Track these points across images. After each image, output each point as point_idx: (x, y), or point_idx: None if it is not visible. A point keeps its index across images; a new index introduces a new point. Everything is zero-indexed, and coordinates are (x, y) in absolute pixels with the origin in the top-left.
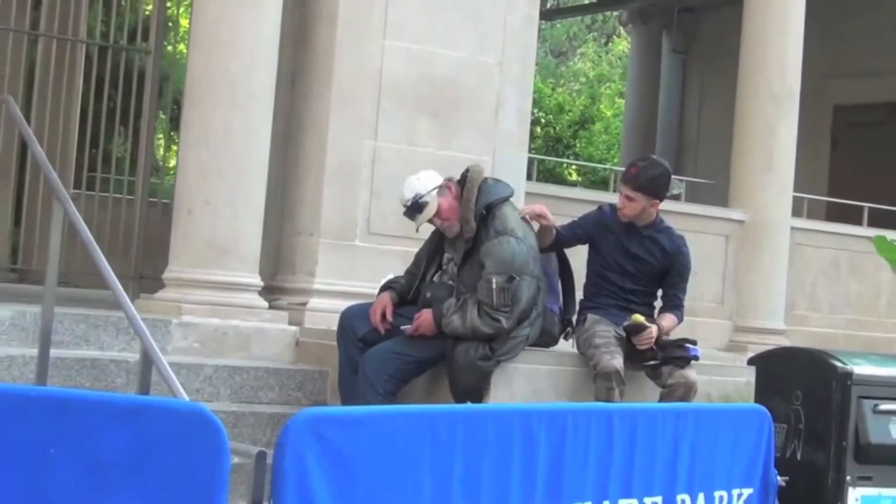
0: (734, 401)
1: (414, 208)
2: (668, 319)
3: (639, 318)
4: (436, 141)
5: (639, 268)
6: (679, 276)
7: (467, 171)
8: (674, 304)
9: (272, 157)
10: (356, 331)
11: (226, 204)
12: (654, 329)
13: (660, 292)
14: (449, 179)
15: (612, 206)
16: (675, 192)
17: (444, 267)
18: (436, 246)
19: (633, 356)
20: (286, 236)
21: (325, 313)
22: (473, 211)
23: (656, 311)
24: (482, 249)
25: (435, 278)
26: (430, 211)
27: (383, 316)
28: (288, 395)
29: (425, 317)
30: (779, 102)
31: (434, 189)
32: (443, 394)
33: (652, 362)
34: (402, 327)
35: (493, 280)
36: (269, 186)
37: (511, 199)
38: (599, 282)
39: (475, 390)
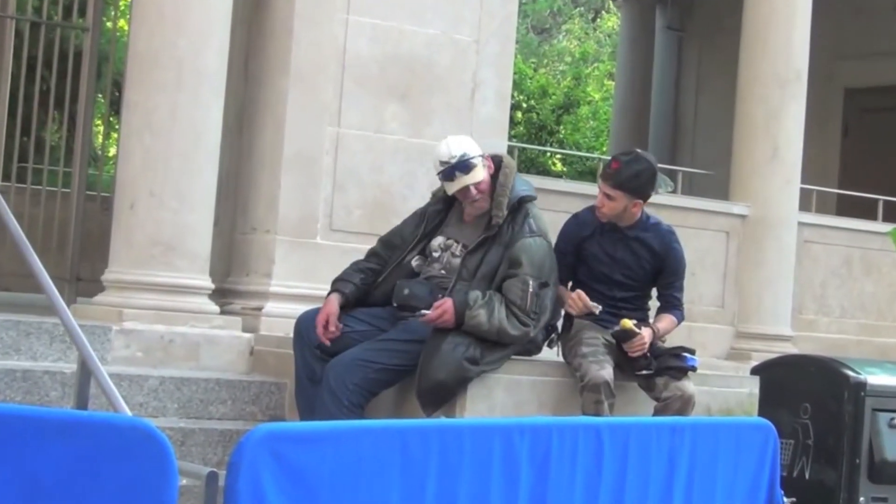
0: (736, 414)
1: (461, 167)
2: (665, 321)
3: (627, 323)
4: (406, 127)
5: (628, 275)
6: (674, 274)
7: (496, 156)
8: (671, 305)
9: (224, 145)
10: (313, 337)
11: (172, 196)
12: (646, 334)
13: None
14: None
15: (590, 208)
16: (662, 190)
17: (436, 255)
18: (426, 228)
19: (625, 365)
20: (240, 233)
21: (282, 319)
22: (509, 198)
23: (652, 314)
24: (518, 245)
25: (414, 263)
26: (476, 175)
27: (325, 326)
28: (242, 409)
29: (448, 305)
30: (784, 85)
31: (480, 155)
32: (416, 407)
33: (645, 372)
34: (421, 311)
35: (531, 282)
36: (220, 177)
37: None
38: (586, 291)
39: (445, 394)
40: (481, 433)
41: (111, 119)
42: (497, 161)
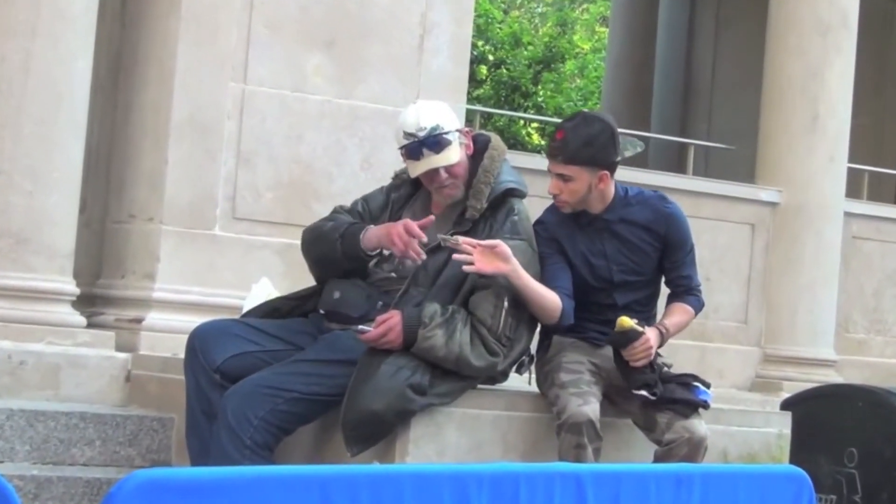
0: (761, 461)
1: (431, 143)
2: (677, 313)
3: (626, 321)
4: (333, 85)
5: (628, 271)
6: (680, 247)
7: (482, 136)
8: (684, 289)
9: (94, 108)
10: (212, 358)
11: (24, 175)
12: (652, 336)
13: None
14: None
15: (550, 208)
16: (629, 152)
17: (387, 251)
18: (390, 218)
19: (616, 396)
20: (114, 222)
21: (168, 334)
22: (492, 187)
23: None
24: None
25: (370, 263)
26: (449, 156)
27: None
28: (114, 452)
29: (395, 321)
30: (827, 33)
31: (458, 130)
32: (340, 449)
33: (645, 392)
34: (358, 327)
35: (506, 298)
36: (88, 149)
37: None
38: (582, 307)
39: (380, 430)
40: (427, 483)
41: None
42: (483, 141)
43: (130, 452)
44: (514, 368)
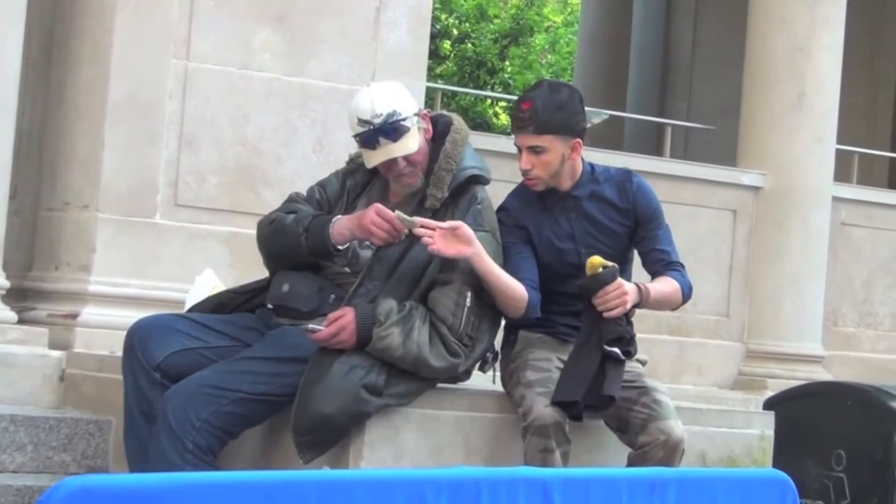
0: (742, 464)
1: (387, 131)
2: (661, 282)
3: (598, 259)
4: (282, 61)
5: (601, 255)
6: (650, 220)
7: (443, 117)
8: (663, 263)
9: (25, 86)
10: (152, 355)
11: None
12: (629, 289)
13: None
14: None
15: (514, 192)
16: (596, 119)
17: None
18: (346, 206)
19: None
20: (46, 209)
21: (106, 330)
22: (453, 173)
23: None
24: None
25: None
26: (408, 144)
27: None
28: (47, 457)
29: (348, 320)
30: (815, 4)
31: (415, 114)
32: (290, 453)
33: (616, 350)
34: (308, 325)
35: (468, 294)
36: (18, 131)
37: None
38: (548, 299)
39: (332, 434)
40: (382, 490)
41: None
42: (444, 123)
43: (65, 458)
44: (477, 366)
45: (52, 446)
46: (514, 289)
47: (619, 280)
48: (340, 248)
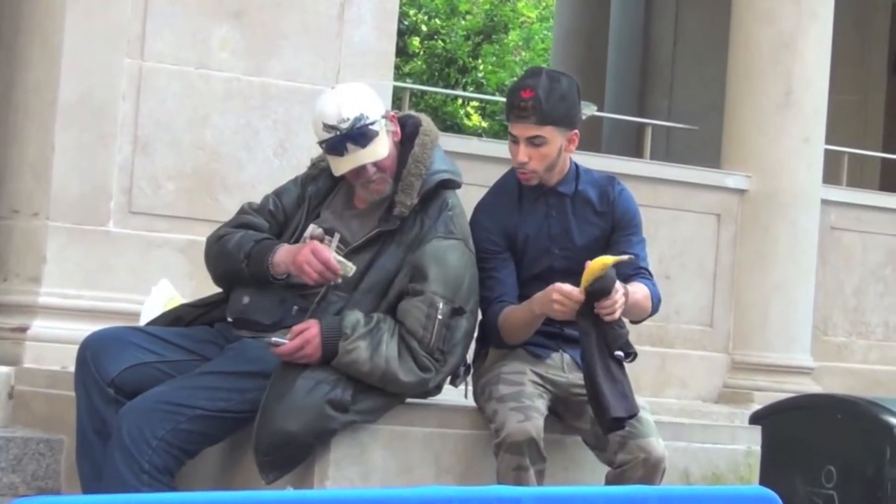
0: (728, 481)
1: (356, 137)
2: (634, 287)
3: (607, 259)
4: (242, 60)
5: (571, 257)
6: (627, 224)
7: (411, 118)
8: (634, 269)
9: None
10: (106, 370)
11: None
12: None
13: None
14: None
15: (498, 186)
16: (588, 110)
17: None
18: (307, 213)
19: (567, 411)
20: None
21: (57, 344)
22: (423, 179)
23: None
24: (427, 249)
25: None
26: (377, 149)
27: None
28: None
29: (312, 333)
30: None
31: (383, 117)
32: (252, 473)
33: (621, 353)
34: (271, 339)
35: (440, 305)
36: None
37: None
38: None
39: (297, 453)
40: None
41: None
42: (412, 125)
43: (14, 479)
44: (448, 380)
45: (0, 467)
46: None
47: (617, 285)
48: (279, 278)
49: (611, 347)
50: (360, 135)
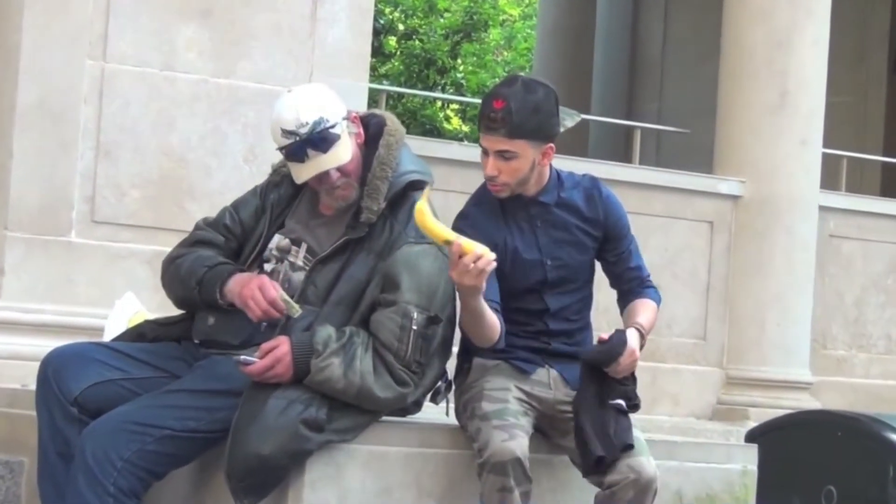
0: (723, 502)
1: (316, 142)
2: (643, 311)
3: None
4: (210, 62)
5: (564, 266)
6: (622, 236)
7: (374, 117)
8: (638, 282)
9: None
10: (69, 388)
11: None
12: (632, 339)
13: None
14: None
15: (480, 194)
16: (569, 121)
17: (268, 265)
18: (269, 222)
19: (554, 429)
20: None
21: (17, 361)
22: (390, 182)
23: (593, 332)
24: (398, 256)
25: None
26: (340, 154)
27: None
28: None
29: (283, 351)
30: None
31: (344, 118)
32: (224, 495)
33: (621, 402)
34: (240, 357)
35: (414, 315)
36: None
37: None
38: (504, 314)
39: (270, 476)
40: None
41: None
42: (375, 124)
43: None
44: (428, 397)
45: None
46: (494, 321)
47: (630, 345)
48: (232, 308)
49: (606, 397)
50: (320, 139)
